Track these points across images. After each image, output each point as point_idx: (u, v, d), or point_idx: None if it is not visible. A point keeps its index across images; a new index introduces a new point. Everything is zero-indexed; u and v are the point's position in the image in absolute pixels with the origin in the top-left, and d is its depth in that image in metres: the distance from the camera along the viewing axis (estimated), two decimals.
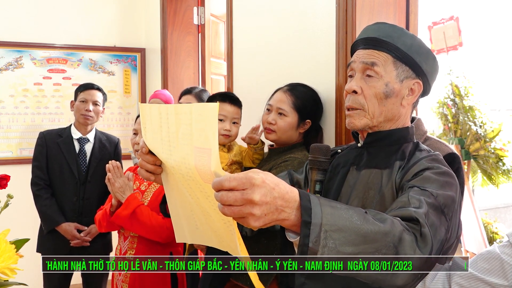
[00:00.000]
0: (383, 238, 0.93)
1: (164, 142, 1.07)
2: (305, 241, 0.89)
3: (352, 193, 1.25)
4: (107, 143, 3.08)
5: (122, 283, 2.27)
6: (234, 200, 0.84)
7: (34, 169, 2.97)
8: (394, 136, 1.28)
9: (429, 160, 1.18)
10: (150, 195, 2.30)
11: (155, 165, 1.16)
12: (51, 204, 2.89)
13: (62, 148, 2.96)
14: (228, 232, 0.98)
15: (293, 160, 1.83)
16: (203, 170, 0.91)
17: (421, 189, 1.08)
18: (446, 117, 4.88)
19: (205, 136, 0.90)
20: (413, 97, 1.29)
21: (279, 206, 0.87)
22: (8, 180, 1.07)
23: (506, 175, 4.62)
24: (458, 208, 1.13)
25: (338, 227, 0.90)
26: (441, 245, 1.03)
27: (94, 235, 2.92)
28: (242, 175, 0.85)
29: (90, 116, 2.97)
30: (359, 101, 1.28)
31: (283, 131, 1.90)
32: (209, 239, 1.13)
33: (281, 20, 2.34)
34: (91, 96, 2.97)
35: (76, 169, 2.95)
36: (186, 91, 2.98)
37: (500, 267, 0.96)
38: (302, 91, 1.94)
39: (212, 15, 3.79)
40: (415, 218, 0.99)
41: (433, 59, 1.30)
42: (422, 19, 3.42)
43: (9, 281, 0.95)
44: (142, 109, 1.16)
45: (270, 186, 0.86)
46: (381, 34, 1.27)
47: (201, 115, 0.91)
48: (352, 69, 1.31)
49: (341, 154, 1.37)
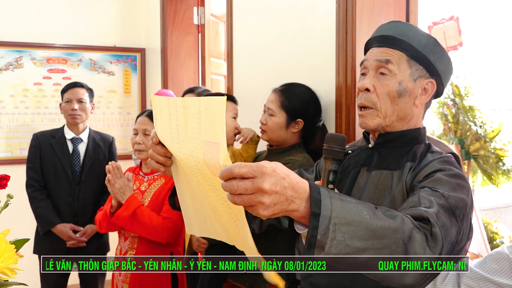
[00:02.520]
0: (393, 234, 0.92)
1: (173, 135, 1.07)
2: (314, 233, 0.88)
3: (363, 194, 1.24)
4: (101, 142, 3.07)
5: (123, 283, 2.27)
6: (245, 189, 0.83)
7: (28, 171, 2.96)
8: (406, 137, 1.27)
9: (441, 162, 1.17)
10: (150, 196, 2.30)
11: (166, 157, 1.16)
12: (46, 206, 2.89)
13: (55, 149, 2.95)
14: (235, 227, 0.98)
15: (293, 163, 1.83)
16: (211, 163, 0.91)
17: (432, 190, 1.07)
18: (446, 117, 4.88)
19: (213, 129, 0.90)
20: (426, 97, 1.28)
21: (289, 197, 0.87)
22: (8, 180, 1.07)
23: (506, 175, 4.62)
24: (470, 211, 1.11)
25: (347, 221, 0.90)
26: (451, 246, 1.02)
27: (90, 235, 2.92)
28: (253, 163, 0.85)
29: (77, 115, 2.94)
30: (372, 99, 1.26)
31: (272, 131, 1.92)
32: (217, 232, 1.14)
33: (281, 20, 2.34)
34: (74, 95, 2.95)
35: (70, 170, 2.94)
36: (188, 90, 2.98)
37: (509, 267, 0.95)
38: (293, 91, 1.93)
39: (212, 15, 3.79)
40: (426, 217, 0.99)
41: (447, 59, 1.28)
42: (422, 19, 3.42)
43: (9, 281, 0.95)
44: (154, 101, 1.17)
45: (281, 175, 0.86)
46: (396, 32, 1.26)
47: (209, 109, 0.91)
48: (365, 67, 1.30)
49: (352, 155, 1.36)
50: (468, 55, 5.18)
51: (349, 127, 1.92)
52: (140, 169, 2.43)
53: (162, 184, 2.31)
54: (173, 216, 2.21)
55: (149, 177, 2.37)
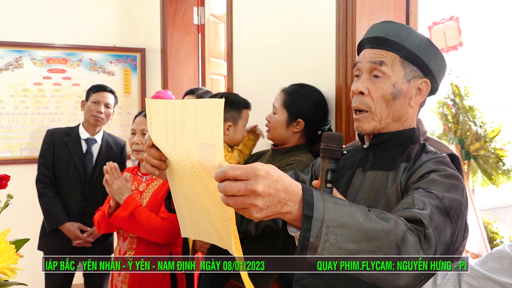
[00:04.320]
0: (386, 236, 0.92)
1: (169, 138, 1.07)
2: (306, 236, 0.88)
3: (358, 195, 1.24)
4: (113, 145, 3.08)
5: (122, 284, 2.26)
6: (238, 190, 0.84)
7: (40, 166, 2.96)
8: (400, 137, 1.26)
9: (435, 162, 1.17)
10: (149, 196, 2.30)
11: (160, 160, 1.16)
12: (56, 203, 2.89)
13: (69, 148, 2.95)
14: (227, 230, 0.99)
15: (298, 163, 1.83)
16: (207, 165, 0.92)
17: (426, 191, 1.07)
18: (446, 117, 4.87)
19: (210, 131, 0.90)
20: (420, 97, 1.27)
21: (282, 199, 0.87)
22: (8, 180, 1.07)
23: (506, 175, 4.62)
24: (465, 211, 1.11)
25: (340, 223, 0.90)
26: (446, 248, 1.02)
27: (97, 236, 2.91)
28: (246, 166, 0.86)
29: (101, 118, 2.96)
30: (366, 102, 1.25)
31: (273, 128, 1.94)
32: (210, 236, 1.14)
33: (281, 20, 2.34)
34: (104, 98, 2.96)
35: (82, 170, 2.94)
36: (189, 91, 2.98)
37: (510, 266, 0.95)
38: (299, 91, 1.93)
39: (212, 15, 3.79)
40: (419, 219, 0.98)
41: (441, 58, 1.28)
42: (422, 19, 3.42)
43: (9, 281, 0.95)
44: (149, 104, 1.17)
45: (274, 178, 0.86)
46: (388, 33, 1.24)
47: (207, 111, 0.91)
48: (358, 69, 1.28)
49: (347, 156, 1.35)
50: (468, 55, 5.17)
51: (349, 127, 1.92)
52: (138, 170, 2.43)
53: (160, 185, 2.31)
54: (171, 217, 2.21)
55: (147, 177, 2.37)
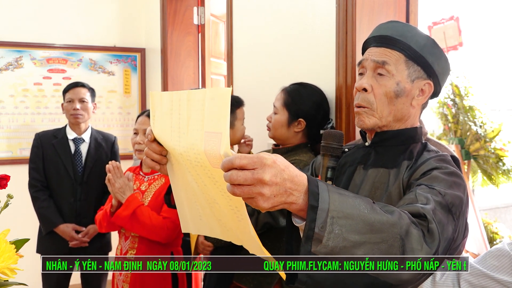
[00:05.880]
0: (390, 228, 0.92)
1: (173, 129, 1.08)
2: (311, 226, 0.88)
3: (359, 192, 1.24)
4: (103, 142, 3.07)
5: (123, 283, 2.27)
6: (244, 179, 0.84)
7: (30, 171, 2.96)
8: (402, 136, 1.27)
9: (437, 160, 1.18)
10: (150, 196, 2.30)
11: (161, 155, 1.17)
12: (49, 206, 2.89)
13: (57, 149, 2.95)
14: (235, 218, 0.98)
15: (298, 163, 1.84)
16: (212, 154, 0.92)
17: (429, 187, 1.08)
18: (446, 117, 4.87)
19: (216, 119, 0.90)
20: (423, 98, 1.28)
21: (288, 189, 0.87)
22: (8, 180, 1.07)
23: (506, 175, 4.61)
24: (466, 209, 1.12)
25: (345, 214, 0.90)
26: (448, 244, 1.03)
27: (92, 235, 2.92)
28: (253, 155, 0.86)
29: (79, 115, 2.94)
30: (369, 99, 1.26)
31: (274, 128, 1.95)
32: (211, 229, 1.14)
33: (281, 20, 2.34)
34: (76, 94, 2.95)
35: (72, 170, 2.94)
36: None
37: (509, 264, 0.95)
38: (299, 91, 1.93)
39: (212, 15, 3.79)
40: (422, 214, 0.99)
41: (445, 60, 1.28)
42: (422, 19, 3.42)
43: (9, 281, 0.95)
44: (153, 97, 1.17)
45: (280, 167, 0.86)
46: (394, 32, 1.25)
47: (214, 99, 0.92)
48: (363, 66, 1.30)
49: (348, 153, 1.36)
50: (468, 55, 5.17)
51: (349, 127, 1.92)
52: (141, 169, 2.43)
53: (162, 184, 2.31)
54: (172, 216, 2.21)
55: (149, 177, 2.37)
